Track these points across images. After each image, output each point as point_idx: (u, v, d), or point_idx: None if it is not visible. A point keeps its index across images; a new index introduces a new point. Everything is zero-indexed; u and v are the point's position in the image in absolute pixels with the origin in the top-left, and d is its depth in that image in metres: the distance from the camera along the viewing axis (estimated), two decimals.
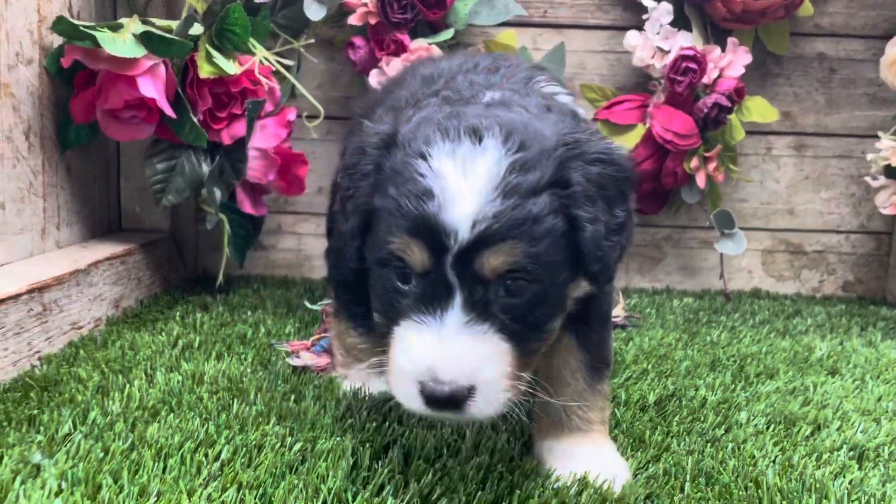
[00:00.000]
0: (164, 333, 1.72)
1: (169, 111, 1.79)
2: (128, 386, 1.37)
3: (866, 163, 2.39)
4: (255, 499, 1.00)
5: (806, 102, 2.53)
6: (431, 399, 0.94)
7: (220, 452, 1.13)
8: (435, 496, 1.05)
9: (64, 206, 1.90)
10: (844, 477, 1.18)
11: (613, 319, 1.64)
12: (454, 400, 0.93)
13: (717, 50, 2.24)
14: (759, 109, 2.33)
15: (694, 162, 2.26)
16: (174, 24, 1.88)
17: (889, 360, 1.81)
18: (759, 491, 1.11)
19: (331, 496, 1.03)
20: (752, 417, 1.41)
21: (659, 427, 1.35)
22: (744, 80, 2.28)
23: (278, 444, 1.17)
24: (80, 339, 1.64)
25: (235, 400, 1.35)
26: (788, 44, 2.43)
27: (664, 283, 2.58)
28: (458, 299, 0.95)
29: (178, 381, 1.42)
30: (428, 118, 1.06)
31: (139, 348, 1.61)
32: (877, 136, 2.31)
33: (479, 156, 0.95)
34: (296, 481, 1.06)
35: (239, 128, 1.94)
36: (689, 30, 2.28)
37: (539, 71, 1.41)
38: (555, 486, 1.09)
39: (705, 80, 2.22)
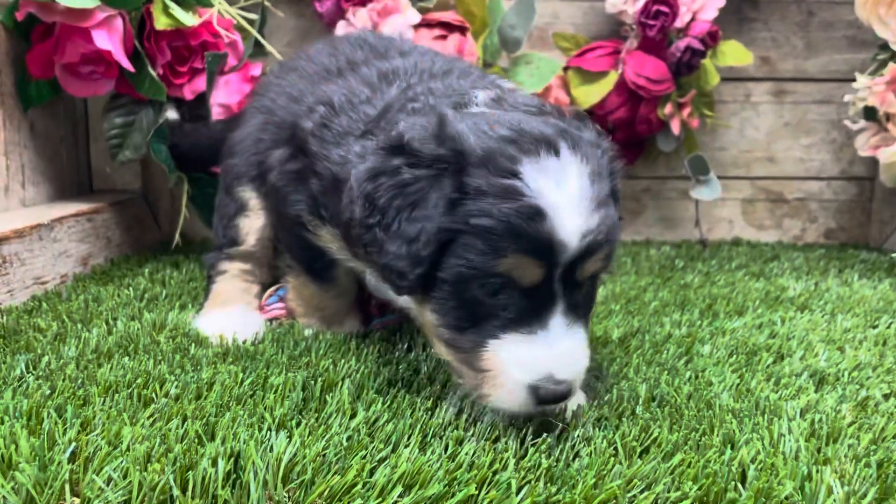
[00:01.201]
0: (130, 288, 1.71)
1: (126, 64, 1.76)
2: (86, 333, 1.37)
3: (847, 107, 2.35)
4: (197, 428, 0.99)
5: (784, 47, 2.49)
6: (549, 399, 0.99)
7: (169, 389, 1.13)
8: (382, 422, 1.05)
9: (28, 164, 1.88)
10: (800, 399, 1.17)
11: None
12: (566, 395, 1.00)
13: None
14: (733, 53, 2.29)
15: (668, 108, 2.22)
16: None
17: (862, 297, 1.79)
18: (711, 412, 1.10)
19: (275, 423, 1.02)
20: (714, 350, 1.40)
21: (618, 359, 1.34)
22: (720, 26, 2.24)
23: (229, 381, 1.17)
24: (45, 293, 1.63)
25: (193, 345, 1.35)
26: None
27: (644, 235, 2.56)
28: (560, 307, 1.01)
29: (137, 329, 1.42)
30: (479, 129, 1.02)
31: (103, 300, 1.60)
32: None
33: (566, 170, 0.99)
34: (241, 412, 1.05)
35: (201, 82, 1.91)
36: None
37: (474, 66, 1.49)
38: None
39: (678, 23, 2.18)
